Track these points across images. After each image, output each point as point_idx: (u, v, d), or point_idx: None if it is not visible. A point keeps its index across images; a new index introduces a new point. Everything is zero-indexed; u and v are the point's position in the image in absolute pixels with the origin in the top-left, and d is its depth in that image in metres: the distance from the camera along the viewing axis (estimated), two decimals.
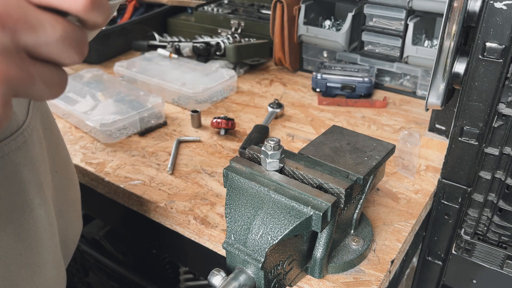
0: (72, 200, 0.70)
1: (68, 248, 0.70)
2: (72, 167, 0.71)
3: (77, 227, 0.73)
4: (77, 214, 0.73)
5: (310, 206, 0.54)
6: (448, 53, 0.69)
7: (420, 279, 0.96)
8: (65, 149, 0.69)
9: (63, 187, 0.67)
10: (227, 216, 0.58)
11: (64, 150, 0.69)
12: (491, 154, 0.73)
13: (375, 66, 1.19)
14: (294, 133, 1.01)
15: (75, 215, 0.72)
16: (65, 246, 0.68)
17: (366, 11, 1.15)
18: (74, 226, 0.72)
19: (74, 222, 0.71)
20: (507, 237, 0.79)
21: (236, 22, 1.41)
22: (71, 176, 0.70)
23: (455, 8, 0.65)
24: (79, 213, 0.74)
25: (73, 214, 0.71)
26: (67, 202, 0.68)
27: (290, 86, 1.23)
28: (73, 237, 0.71)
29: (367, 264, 0.68)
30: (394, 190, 0.83)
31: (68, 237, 0.69)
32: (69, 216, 0.69)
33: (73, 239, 0.72)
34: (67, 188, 0.68)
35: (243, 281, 0.55)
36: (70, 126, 1.05)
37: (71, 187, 0.69)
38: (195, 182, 0.85)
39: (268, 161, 0.60)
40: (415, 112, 1.09)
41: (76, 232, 0.72)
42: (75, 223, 0.72)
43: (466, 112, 0.71)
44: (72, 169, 0.71)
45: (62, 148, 0.68)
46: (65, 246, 0.68)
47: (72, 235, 0.71)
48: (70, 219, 0.70)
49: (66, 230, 0.68)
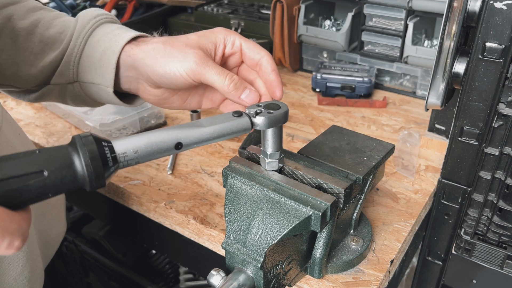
0: (54, 203, 0.71)
1: (49, 248, 0.72)
2: None
3: (59, 228, 0.74)
4: (60, 215, 0.74)
5: (309, 206, 0.54)
6: (448, 53, 0.69)
7: (420, 279, 0.96)
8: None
9: None
10: (227, 216, 0.58)
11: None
12: (491, 154, 0.73)
13: (375, 66, 1.19)
14: (294, 133, 1.01)
15: (58, 216, 0.73)
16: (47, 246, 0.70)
17: (366, 11, 1.15)
18: (57, 227, 0.73)
19: (56, 223, 0.73)
20: (507, 237, 0.79)
21: (236, 22, 1.41)
22: None
23: (455, 8, 0.65)
24: (63, 214, 0.75)
25: (56, 216, 0.73)
26: (49, 204, 0.70)
27: (290, 86, 1.23)
28: (55, 237, 0.73)
29: (366, 264, 0.68)
30: (394, 190, 0.83)
31: (50, 238, 0.71)
32: (51, 218, 0.71)
33: (56, 239, 0.73)
34: None
35: (242, 281, 0.55)
36: (70, 126, 1.05)
37: None
38: (195, 182, 0.85)
39: (268, 161, 0.60)
40: (415, 112, 1.09)
41: (58, 232, 0.74)
42: (58, 224, 0.73)
43: (466, 112, 0.71)
44: None
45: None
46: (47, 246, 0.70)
47: (54, 235, 0.72)
48: (52, 221, 0.71)
49: (48, 231, 0.70)
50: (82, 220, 1.37)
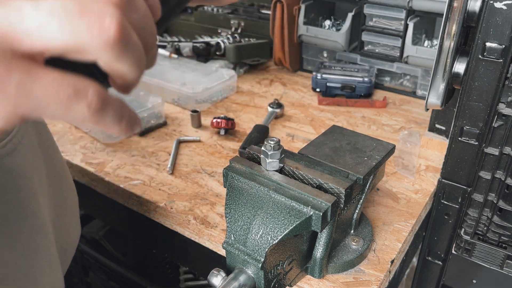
0: (69, 205, 0.68)
1: (67, 253, 0.68)
2: (67, 171, 0.70)
3: (75, 231, 0.71)
4: (75, 218, 0.71)
5: (310, 206, 0.54)
6: (448, 53, 0.69)
7: (420, 279, 0.96)
8: (59, 154, 0.68)
9: (61, 193, 0.65)
10: (227, 216, 0.58)
11: (59, 154, 0.68)
12: (491, 154, 0.73)
13: (375, 66, 1.19)
14: (294, 133, 1.01)
15: (73, 219, 0.70)
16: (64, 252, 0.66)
17: (366, 11, 1.15)
18: (73, 231, 0.70)
19: (72, 227, 0.70)
20: (507, 237, 0.79)
21: (236, 22, 1.41)
22: (68, 181, 0.69)
23: (455, 8, 0.65)
24: (77, 217, 0.72)
25: (71, 219, 0.70)
26: (65, 207, 0.67)
27: (290, 86, 1.23)
28: (72, 242, 0.70)
29: (367, 264, 0.68)
30: (394, 190, 0.83)
31: (67, 243, 0.68)
32: (67, 221, 0.68)
33: (72, 244, 0.70)
34: (64, 193, 0.67)
35: (243, 281, 0.55)
36: (70, 126, 1.05)
37: (68, 192, 0.68)
38: (195, 182, 0.85)
39: (268, 161, 0.60)
40: (415, 112, 1.09)
41: (74, 236, 0.71)
42: (74, 228, 0.70)
43: (466, 112, 0.71)
44: (68, 173, 0.70)
45: (56, 153, 0.67)
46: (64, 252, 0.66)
47: (71, 240, 0.69)
48: (69, 224, 0.68)
49: (64, 236, 0.67)
50: (82, 220, 1.36)
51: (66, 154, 0.94)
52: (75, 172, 0.92)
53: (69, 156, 0.93)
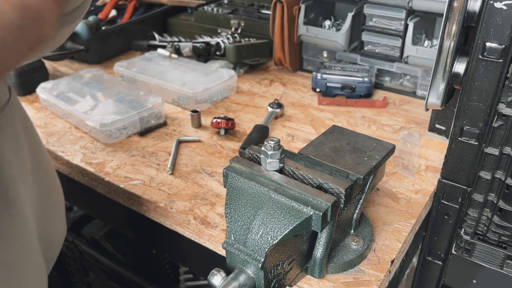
0: (55, 204, 0.72)
1: (52, 250, 0.71)
2: (54, 172, 0.73)
3: (61, 230, 0.75)
4: (60, 217, 0.74)
5: (310, 206, 0.54)
6: (448, 53, 0.69)
7: (420, 279, 0.96)
8: (46, 154, 0.71)
9: (47, 190, 0.68)
10: (227, 216, 0.58)
11: (45, 155, 0.70)
12: (491, 154, 0.73)
13: (375, 66, 1.19)
14: (294, 133, 1.01)
15: (59, 218, 0.74)
16: (50, 248, 0.69)
17: (366, 11, 1.15)
18: (58, 229, 0.73)
19: (57, 225, 0.73)
20: (507, 237, 0.79)
21: (236, 22, 1.41)
22: (54, 180, 0.72)
23: (455, 8, 0.65)
24: (63, 216, 0.76)
25: (57, 217, 0.73)
26: (50, 205, 0.70)
27: (290, 86, 1.23)
28: (57, 240, 0.73)
29: (367, 264, 0.68)
30: (394, 190, 0.83)
31: (52, 240, 0.70)
32: (53, 219, 0.71)
33: (57, 242, 0.73)
34: (50, 191, 0.69)
35: (243, 281, 0.55)
36: (70, 126, 1.05)
37: (53, 191, 0.71)
38: (195, 182, 0.85)
39: (268, 161, 0.60)
40: (415, 112, 1.09)
41: (60, 235, 0.74)
42: (59, 226, 0.74)
43: (466, 112, 0.71)
44: (54, 173, 0.72)
45: (43, 153, 0.69)
46: (49, 248, 0.69)
47: (56, 238, 0.72)
48: (54, 222, 0.71)
49: (50, 233, 0.69)
50: (82, 220, 1.36)
51: (66, 154, 0.94)
52: (75, 172, 0.92)
53: (69, 156, 0.93)
